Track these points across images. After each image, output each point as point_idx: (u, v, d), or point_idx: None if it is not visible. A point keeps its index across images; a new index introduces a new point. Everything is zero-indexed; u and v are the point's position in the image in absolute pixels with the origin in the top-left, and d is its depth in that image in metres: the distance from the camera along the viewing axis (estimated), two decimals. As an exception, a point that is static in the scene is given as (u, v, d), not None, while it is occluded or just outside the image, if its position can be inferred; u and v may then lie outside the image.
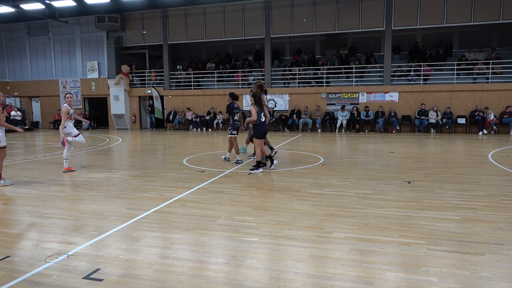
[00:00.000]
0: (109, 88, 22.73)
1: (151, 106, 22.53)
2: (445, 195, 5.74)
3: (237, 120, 9.08)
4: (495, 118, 16.52)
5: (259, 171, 7.81)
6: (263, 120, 7.92)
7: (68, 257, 3.56)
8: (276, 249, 3.73)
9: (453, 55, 19.84)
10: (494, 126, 16.50)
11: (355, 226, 4.35)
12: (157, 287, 3.00)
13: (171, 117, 21.49)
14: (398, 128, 17.80)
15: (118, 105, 22.62)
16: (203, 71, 22.71)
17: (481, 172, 7.64)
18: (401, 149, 11.71)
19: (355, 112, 18.32)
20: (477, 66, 17.94)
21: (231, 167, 8.45)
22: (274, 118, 19.42)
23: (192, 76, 22.23)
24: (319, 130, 18.65)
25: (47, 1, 19.66)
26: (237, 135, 9.10)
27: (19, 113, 22.50)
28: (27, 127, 22.91)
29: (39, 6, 20.23)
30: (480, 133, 16.40)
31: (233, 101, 9.07)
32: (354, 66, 19.54)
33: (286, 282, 3.04)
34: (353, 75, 19.51)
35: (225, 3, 20.27)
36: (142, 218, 4.78)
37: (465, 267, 3.25)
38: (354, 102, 18.96)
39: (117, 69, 22.64)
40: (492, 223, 4.42)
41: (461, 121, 17.19)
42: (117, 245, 3.89)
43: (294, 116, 19.03)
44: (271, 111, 19.54)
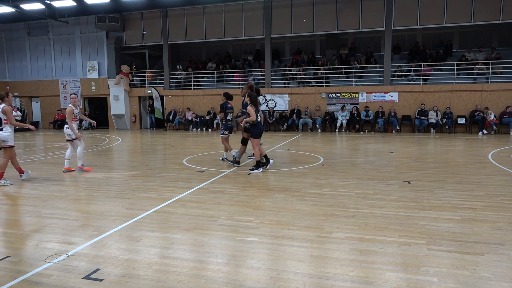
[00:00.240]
0: (109, 88, 22.73)
1: (151, 106, 22.53)
2: (445, 195, 5.74)
3: (230, 120, 9.15)
4: (495, 118, 16.52)
5: (259, 171, 7.82)
6: (259, 120, 7.95)
7: (68, 257, 3.56)
8: (276, 249, 3.73)
9: (453, 55, 19.84)
10: (494, 126, 16.49)
11: (355, 226, 4.35)
12: (157, 287, 3.00)
13: (171, 117, 21.48)
14: (398, 128, 17.80)
15: (118, 105, 22.62)
16: (203, 71, 22.71)
17: (481, 172, 7.64)
18: (401, 149, 11.71)
19: (355, 112, 18.32)
20: (477, 66, 17.94)
21: (231, 167, 8.45)
22: (274, 118, 19.44)
23: (192, 76, 22.23)
24: (319, 130, 18.64)
25: (47, 1, 19.65)
26: (228, 135, 9.17)
27: (19, 113, 22.38)
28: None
29: (39, 6, 20.22)
30: (480, 133, 16.39)
31: (227, 101, 9.12)
32: (354, 66, 19.54)
33: (286, 282, 3.04)
34: (353, 75, 19.52)
35: (225, 3, 20.27)
36: (142, 218, 4.78)
37: (465, 267, 3.25)
38: (354, 102, 18.96)
39: (117, 69, 22.64)
40: (492, 223, 4.42)
41: (461, 121, 17.19)
42: (117, 245, 3.89)
43: (294, 116, 19.04)
44: (271, 111, 19.57)
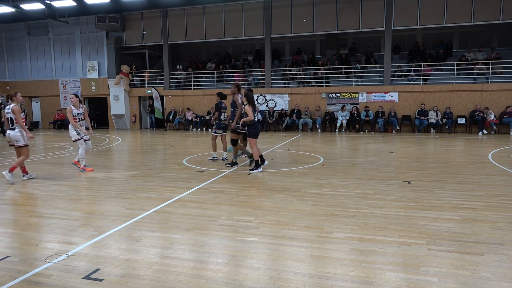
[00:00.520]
0: (109, 88, 22.72)
1: (151, 106, 22.53)
2: (445, 195, 5.74)
3: (223, 119, 9.22)
4: (495, 118, 16.52)
5: (259, 170, 7.82)
6: (256, 120, 7.97)
7: (68, 257, 3.56)
8: (276, 249, 3.73)
9: (453, 55, 19.83)
10: (494, 126, 16.49)
11: (355, 226, 4.35)
12: (157, 287, 3.00)
13: (171, 117, 21.48)
14: (398, 128, 17.79)
15: (118, 105, 22.61)
16: (203, 71, 22.70)
17: (481, 172, 7.64)
18: (401, 149, 11.71)
19: (355, 112, 18.32)
20: (477, 66, 17.94)
21: (231, 167, 8.45)
22: (274, 118, 19.44)
23: (192, 76, 22.23)
24: (319, 130, 18.64)
25: (47, 1, 19.65)
26: (219, 134, 9.27)
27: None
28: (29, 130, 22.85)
29: (39, 6, 20.21)
30: (480, 133, 16.39)
31: (221, 101, 9.17)
32: (354, 67, 19.54)
33: (286, 282, 3.04)
34: (353, 75, 19.51)
35: (225, 3, 20.26)
36: (142, 218, 4.78)
37: (465, 267, 3.25)
38: (354, 102, 18.95)
39: (117, 69, 22.64)
40: (492, 223, 4.42)
41: (461, 121, 17.19)
42: (117, 245, 3.89)
43: (294, 116, 19.03)
44: (271, 110, 19.57)
